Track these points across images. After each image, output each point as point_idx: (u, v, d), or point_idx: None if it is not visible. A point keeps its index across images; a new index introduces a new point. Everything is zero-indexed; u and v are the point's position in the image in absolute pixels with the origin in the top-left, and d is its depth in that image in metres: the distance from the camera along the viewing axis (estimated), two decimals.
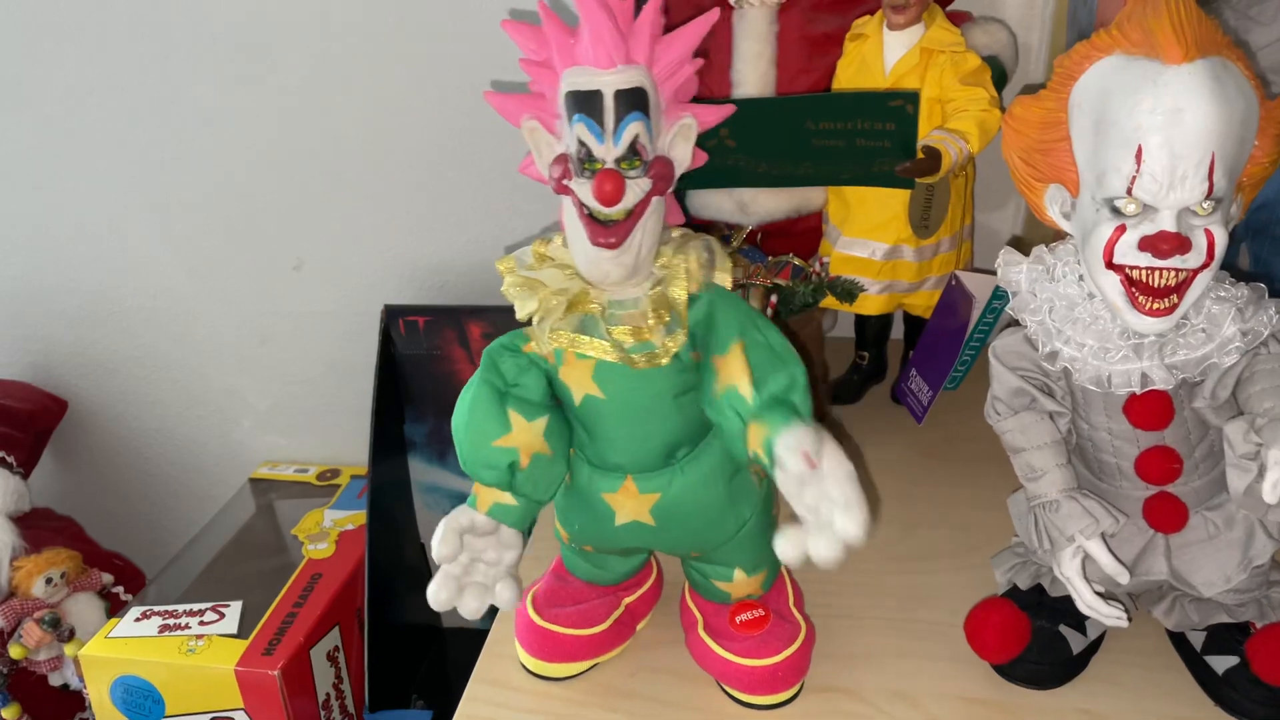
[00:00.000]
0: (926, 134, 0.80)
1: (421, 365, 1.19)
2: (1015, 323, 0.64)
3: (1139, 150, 0.51)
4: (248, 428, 1.42)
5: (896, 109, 0.76)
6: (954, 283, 0.85)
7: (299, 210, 1.25)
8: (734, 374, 0.57)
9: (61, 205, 1.30)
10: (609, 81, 0.53)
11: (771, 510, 0.67)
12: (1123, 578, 0.61)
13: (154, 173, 1.26)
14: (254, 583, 1.16)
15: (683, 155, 0.57)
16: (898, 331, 1.00)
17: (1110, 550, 0.61)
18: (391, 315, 1.18)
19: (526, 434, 0.60)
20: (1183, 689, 0.64)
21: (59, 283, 1.36)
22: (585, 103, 0.54)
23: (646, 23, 0.54)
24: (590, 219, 0.55)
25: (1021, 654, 0.64)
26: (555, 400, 0.62)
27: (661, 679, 0.68)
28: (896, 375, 0.99)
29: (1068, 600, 0.64)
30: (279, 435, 1.42)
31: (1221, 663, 0.63)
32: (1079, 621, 0.66)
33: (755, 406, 0.56)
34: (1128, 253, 0.54)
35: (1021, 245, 0.64)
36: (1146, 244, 0.53)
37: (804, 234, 0.93)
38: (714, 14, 0.57)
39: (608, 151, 0.54)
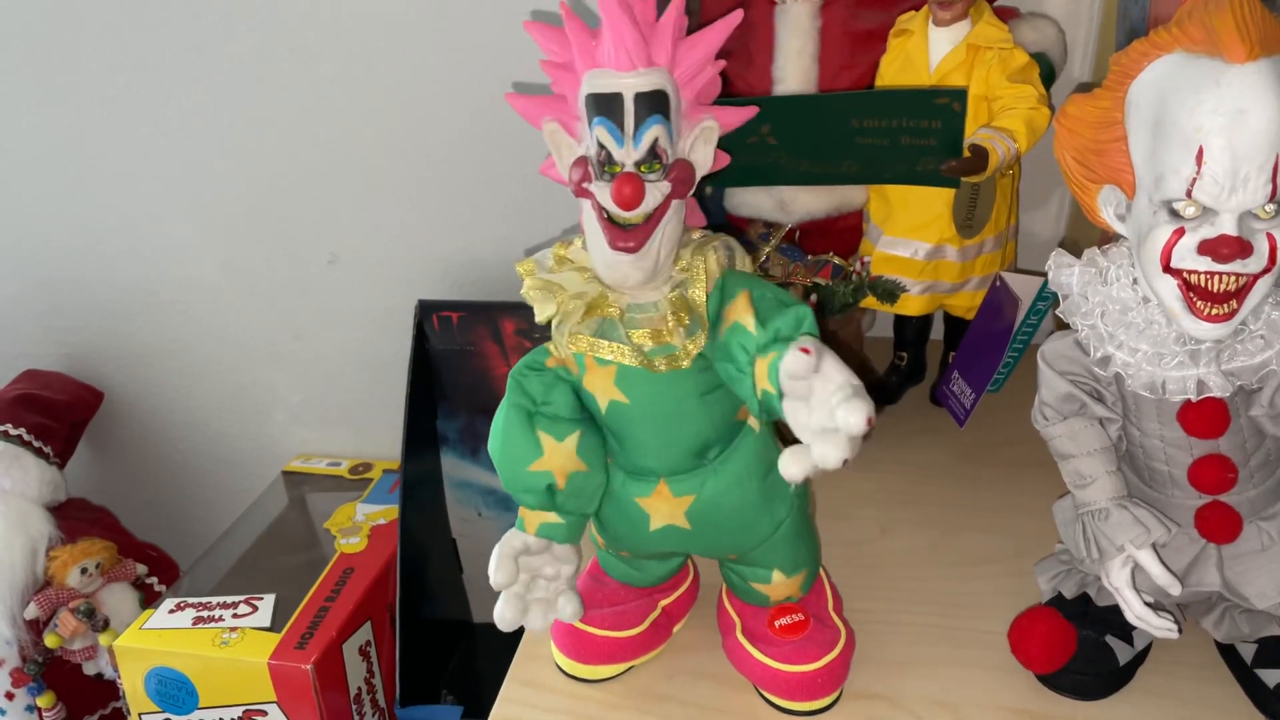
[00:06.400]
0: (973, 132, 0.78)
1: (455, 361, 1.19)
2: (1062, 326, 0.63)
3: (1199, 152, 0.50)
4: (280, 421, 1.43)
5: (943, 106, 0.75)
6: (998, 283, 0.84)
7: (334, 205, 1.25)
8: (739, 313, 0.55)
9: (98, 198, 1.31)
10: (629, 84, 0.53)
11: (807, 510, 0.67)
12: (1174, 589, 0.60)
13: (190, 167, 1.26)
14: (286, 576, 1.16)
15: (704, 158, 0.57)
16: (937, 332, 0.98)
17: (1161, 560, 0.60)
18: (425, 310, 1.17)
19: (558, 455, 0.60)
20: (1232, 702, 0.63)
21: (96, 275, 1.36)
22: (605, 105, 0.53)
23: (668, 25, 0.54)
24: (609, 222, 0.54)
25: (1067, 664, 0.63)
26: (586, 413, 0.62)
27: (698, 683, 0.68)
28: (936, 376, 0.97)
29: (1114, 610, 0.63)
30: (311, 429, 1.42)
31: (1273, 676, 0.62)
32: (1126, 632, 0.64)
33: (762, 341, 0.54)
34: (1186, 256, 0.52)
35: (1066, 245, 0.62)
36: (1206, 248, 0.51)
37: (844, 232, 0.92)
38: (737, 16, 0.56)
39: (627, 155, 0.53)
